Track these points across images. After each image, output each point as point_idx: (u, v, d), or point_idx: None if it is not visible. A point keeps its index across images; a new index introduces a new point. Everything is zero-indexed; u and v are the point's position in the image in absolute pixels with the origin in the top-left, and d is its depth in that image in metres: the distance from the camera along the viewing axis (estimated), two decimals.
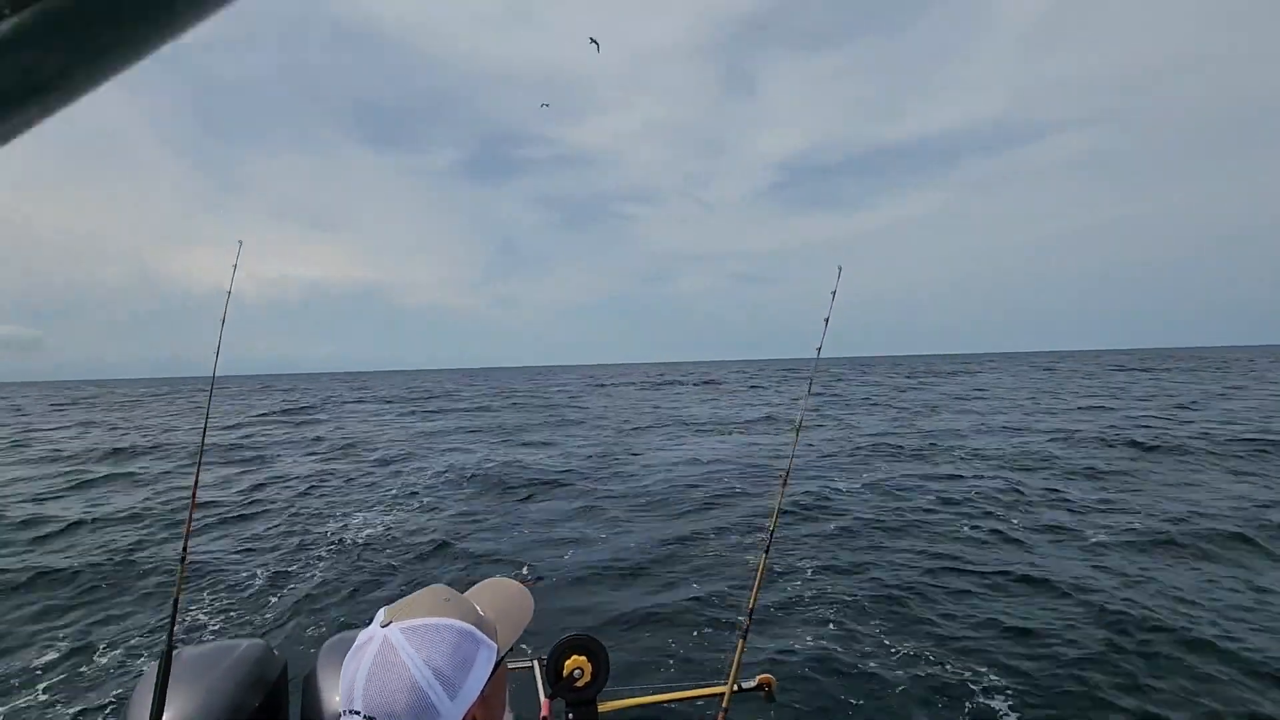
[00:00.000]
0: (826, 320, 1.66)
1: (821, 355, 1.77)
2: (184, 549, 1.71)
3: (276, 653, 1.73)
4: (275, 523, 7.71)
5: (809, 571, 5.33)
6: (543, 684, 1.55)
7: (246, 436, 16.87)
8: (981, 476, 8.72)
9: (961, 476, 8.71)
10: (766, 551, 1.80)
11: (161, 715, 1.33)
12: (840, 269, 1.67)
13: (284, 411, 25.99)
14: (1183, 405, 17.18)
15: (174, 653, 1.44)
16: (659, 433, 15.89)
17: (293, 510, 8.34)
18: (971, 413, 17.49)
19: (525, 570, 5.69)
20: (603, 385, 47.26)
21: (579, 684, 1.37)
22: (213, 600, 5.24)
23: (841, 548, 5.91)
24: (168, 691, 1.37)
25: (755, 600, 1.84)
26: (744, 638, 1.79)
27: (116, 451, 14.41)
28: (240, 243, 1.99)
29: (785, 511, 6.61)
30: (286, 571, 5.91)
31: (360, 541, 6.74)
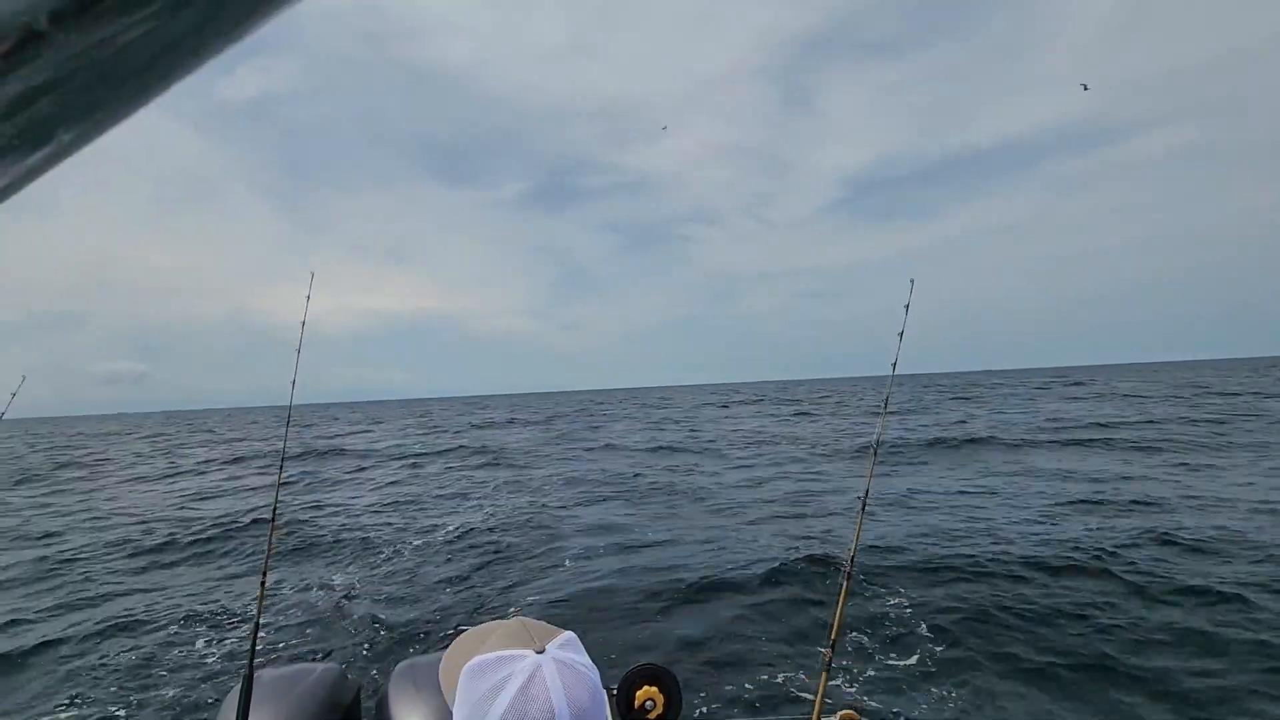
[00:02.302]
0: (900, 335, 1.60)
1: (901, 371, 1.69)
2: (264, 572, 1.80)
3: (350, 677, 1.80)
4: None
5: (897, 596, 5.04)
6: (611, 714, 1.53)
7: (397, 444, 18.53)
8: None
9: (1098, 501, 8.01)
10: (848, 577, 1.72)
11: None
12: (913, 282, 1.61)
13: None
14: None
15: (254, 676, 1.52)
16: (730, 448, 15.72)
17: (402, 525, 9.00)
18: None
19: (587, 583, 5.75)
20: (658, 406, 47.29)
21: (651, 716, 1.34)
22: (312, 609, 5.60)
23: (934, 571, 5.56)
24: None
25: (838, 629, 1.76)
26: (826, 670, 1.72)
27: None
28: (313, 274, 2.11)
29: (869, 535, 6.37)
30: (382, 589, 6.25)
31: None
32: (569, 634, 0.74)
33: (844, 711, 1.73)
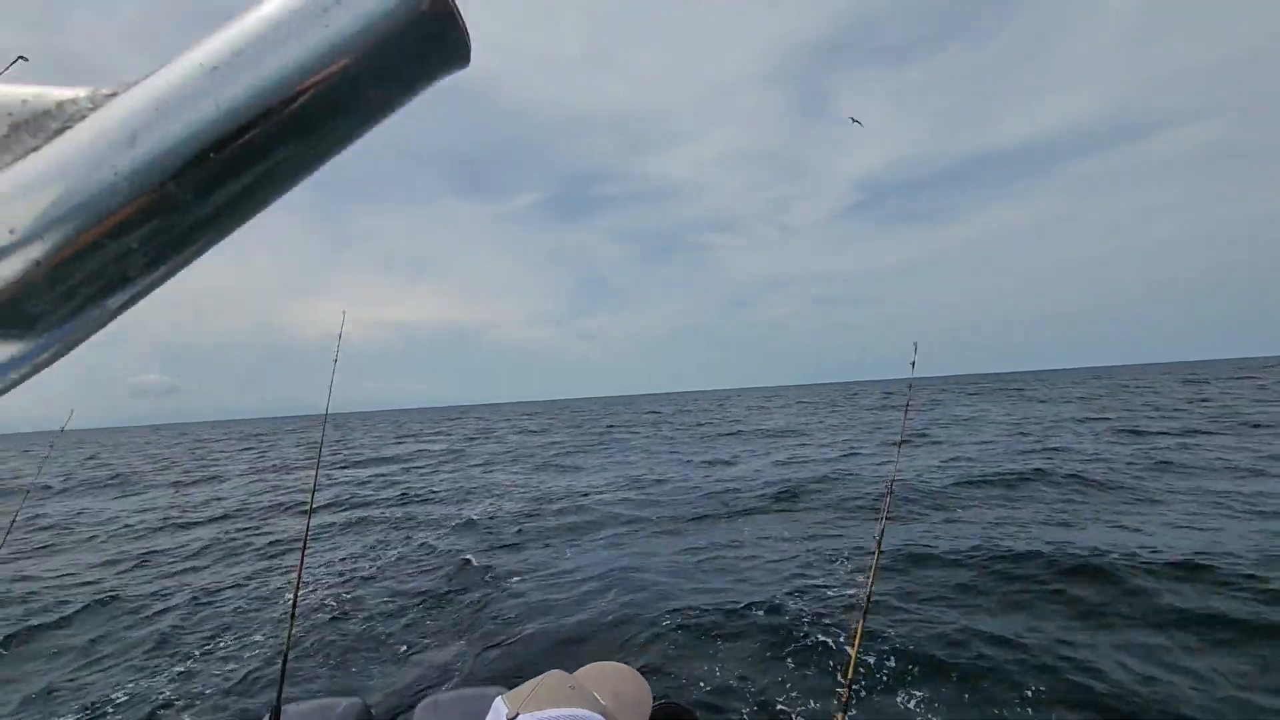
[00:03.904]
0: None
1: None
2: (293, 604, 1.81)
3: (373, 712, 1.81)
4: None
5: (922, 603, 4.85)
6: None
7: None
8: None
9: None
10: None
11: None
12: (916, 345, 1.63)
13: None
14: None
15: (281, 710, 1.54)
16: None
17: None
18: None
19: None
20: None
21: None
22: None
23: (965, 568, 5.36)
24: None
25: (854, 667, 1.68)
26: (844, 712, 1.63)
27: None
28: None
29: (892, 527, 6.27)
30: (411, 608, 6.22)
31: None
32: (570, 713, 0.58)
33: None
